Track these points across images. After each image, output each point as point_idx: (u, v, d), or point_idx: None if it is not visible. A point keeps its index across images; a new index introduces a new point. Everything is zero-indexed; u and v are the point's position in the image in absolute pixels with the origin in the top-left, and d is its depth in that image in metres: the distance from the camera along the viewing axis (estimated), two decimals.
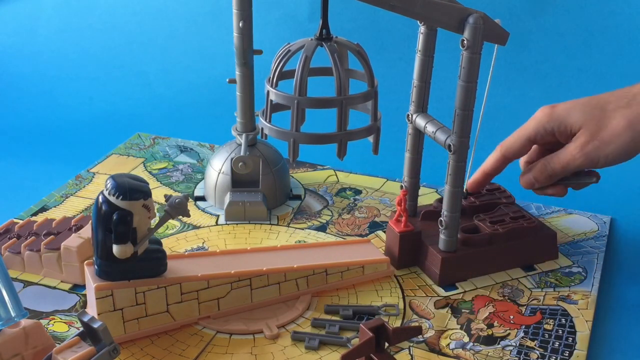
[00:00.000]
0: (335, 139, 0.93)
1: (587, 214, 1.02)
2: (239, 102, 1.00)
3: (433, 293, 0.86)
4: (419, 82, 0.86)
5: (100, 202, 0.72)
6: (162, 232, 0.97)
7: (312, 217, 1.01)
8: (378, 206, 1.04)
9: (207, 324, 0.80)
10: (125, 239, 0.72)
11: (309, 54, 0.90)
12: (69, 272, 0.86)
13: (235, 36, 0.96)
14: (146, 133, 1.25)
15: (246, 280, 0.81)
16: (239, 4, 0.94)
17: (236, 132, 1.02)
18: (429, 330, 0.80)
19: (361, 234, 0.97)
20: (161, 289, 0.77)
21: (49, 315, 0.82)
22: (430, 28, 0.83)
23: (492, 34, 0.77)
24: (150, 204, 0.73)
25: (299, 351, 0.77)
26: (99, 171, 1.13)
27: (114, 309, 0.75)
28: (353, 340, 0.78)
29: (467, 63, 0.76)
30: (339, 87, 0.90)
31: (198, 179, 1.10)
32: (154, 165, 1.15)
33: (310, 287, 0.85)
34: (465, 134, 0.80)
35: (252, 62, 0.98)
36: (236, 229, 0.99)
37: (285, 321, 0.81)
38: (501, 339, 0.79)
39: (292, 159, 0.94)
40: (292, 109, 0.91)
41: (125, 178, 0.73)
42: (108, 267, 0.74)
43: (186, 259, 0.83)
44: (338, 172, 1.13)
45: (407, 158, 0.90)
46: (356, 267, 0.87)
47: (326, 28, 0.91)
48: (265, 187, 1.01)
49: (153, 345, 0.78)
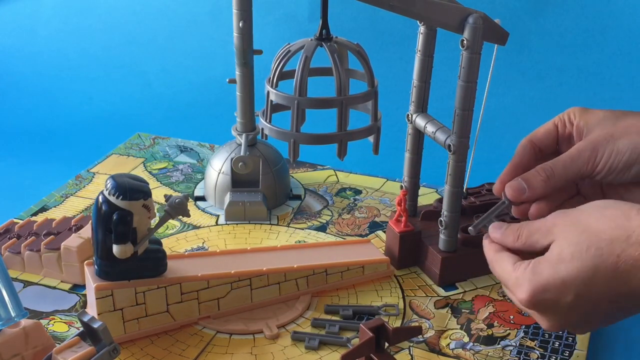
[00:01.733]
0: (336, 139, 0.93)
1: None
2: (239, 102, 1.00)
3: (433, 293, 0.86)
4: (418, 82, 0.86)
5: (100, 202, 0.72)
6: (162, 232, 0.97)
7: (312, 217, 1.01)
8: (378, 206, 1.04)
9: (207, 324, 0.80)
10: (125, 239, 0.72)
11: (309, 54, 0.90)
12: (69, 272, 0.86)
13: (235, 36, 0.96)
14: (146, 133, 1.25)
15: (246, 280, 0.81)
16: (239, 4, 0.94)
17: (236, 132, 1.02)
18: (429, 330, 0.80)
19: (361, 234, 0.97)
20: (161, 289, 0.77)
21: (49, 315, 0.82)
22: (430, 28, 0.83)
23: (492, 34, 0.77)
24: (150, 204, 0.73)
25: (299, 351, 0.77)
26: (99, 171, 1.13)
27: (114, 309, 0.75)
28: (353, 340, 0.78)
29: (467, 63, 0.76)
30: (339, 87, 0.90)
31: (198, 179, 1.10)
32: (154, 165, 1.15)
33: (310, 287, 0.85)
34: (465, 134, 0.80)
35: (252, 62, 0.98)
36: (236, 229, 0.99)
37: (285, 321, 0.81)
38: (501, 339, 0.79)
39: (292, 159, 0.94)
40: (292, 109, 0.91)
41: (125, 178, 0.73)
42: (108, 267, 0.74)
43: (186, 259, 0.83)
44: (338, 172, 1.13)
45: (407, 158, 0.90)
46: (356, 267, 0.87)
47: (326, 28, 0.91)
48: (265, 187, 1.01)
49: (153, 345, 0.78)
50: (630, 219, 0.61)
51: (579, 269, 0.62)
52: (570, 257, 0.62)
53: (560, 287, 0.63)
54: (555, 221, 0.66)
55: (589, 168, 0.73)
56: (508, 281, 0.67)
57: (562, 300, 0.63)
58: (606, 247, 0.61)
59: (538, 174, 0.73)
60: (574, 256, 0.62)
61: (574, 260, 0.62)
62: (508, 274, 0.67)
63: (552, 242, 0.65)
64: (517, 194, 0.73)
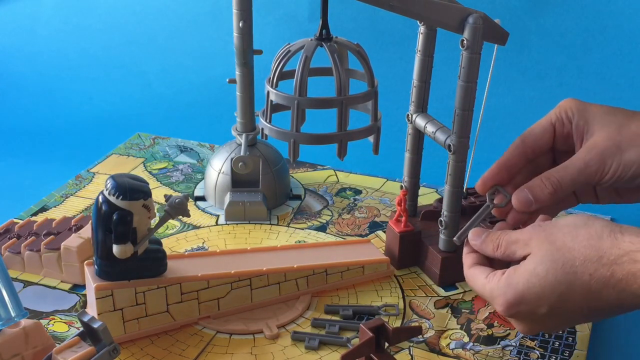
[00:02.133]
0: (336, 139, 0.93)
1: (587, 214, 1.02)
2: (239, 102, 1.00)
3: (433, 293, 0.86)
4: (418, 82, 0.86)
5: (100, 202, 0.72)
6: (162, 232, 0.97)
7: (312, 217, 1.01)
8: (378, 206, 1.04)
9: (207, 324, 0.80)
10: (125, 239, 0.72)
11: (309, 54, 0.90)
12: (69, 272, 0.86)
13: (235, 36, 0.96)
14: (146, 133, 1.25)
15: (246, 280, 0.81)
16: (239, 4, 0.94)
17: (236, 132, 1.02)
18: (429, 330, 0.80)
19: (361, 234, 0.97)
20: (161, 289, 0.77)
21: (49, 315, 0.82)
22: (430, 28, 0.83)
23: (492, 34, 0.77)
24: (150, 204, 0.73)
25: (299, 351, 0.77)
26: (99, 171, 1.13)
27: (114, 309, 0.75)
28: (353, 340, 0.78)
29: (467, 63, 0.76)
30: (339, 87, 0.90)
31: (198, 179, 1.10)
32: (154, 165, 1.15)
33: (310, 287, 0.85)
34: (465, 134, 0.80)
35: (252, 62, 0.98)
36: (236, 229, 0.99)
37: (285, 321, 0.81)
38: (501, 339, 0.79)
39: (292, 159, 0.94)
40: (292, 109, 0.91)
41: (125, 178, 0.73)
42: (108, 267, 0.74)
43: (186, 259, 0.83)
44: (338, 172, 1.13)
45: (407, 158, 0.90)
46: (356, 267, 0.87)
47: (326, 28, 0.91)
48: (265, 187, 1.01)
49: (153, 345, 0.78)
50: (602, 239, 0.63)
51: (553, 284, 0.64)
52: (544, 272, 0.64)
53: (535, 300, 0.65)
54: (532, 235, 0.67)
55: (595, 180, 0.73)
56: (484, 294, 0.69)
57: (537, 312, 0.65)
58: (580, 265, 0.63)
59: (545, 186, 0.73)
60: (548, 272, 0.64)
61: (549, 276, 0.64)
62: (482, 287, 0.69)
63: (529, 255, 0.66)
64: (525, 207, 0.73)
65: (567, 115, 0.76)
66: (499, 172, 0.77)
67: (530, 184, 0.74)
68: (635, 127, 0.72)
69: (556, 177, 0.73)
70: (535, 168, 0.78)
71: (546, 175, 0.73)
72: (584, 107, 0.76)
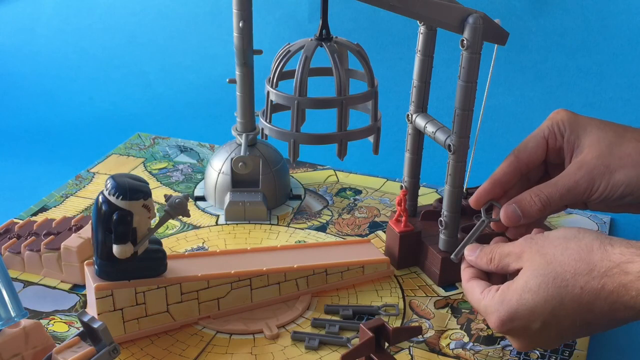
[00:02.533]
0: (336, 139, 0.93)
1: (587, 214, 1.02)
2: (239, 102, 1.00)
3: (433, 293, 0.86)
4: (418, 82, 0.86)
5: (100, 202, 0.72)
6: (162, 232, 0.97)
7: (312, 217, 1.01)
8: (378, 206, 1.04)
9: (207, 324, 0.80)
10: (125, 239, 0.72)
11: (309, 54, 0.90)
12: (69, 272, 0.86)
13: (235, 36, 0.96)
14: (146, 133, 1.25)
15: (246, 280, 0.81)
16: (239, 4, 0.94)
17: (236, 132, 1.02)
18: (429, 330, 0.80)
19: (361, 234, 0.97)
20: (161, 289, 0.77)
21: (49, 315, 0.82)
22: (430, 28, 0.83)
23: (492, 34, 0.77)
24: (150, 204, 0.73)
25: (299, 351, 0.77)
26: (99, 171, 1.13)
27: (114, 309, 0.75)
28: (353, 340, 0.78)
29: (467, 63, 0.76)
30: (339, 87, 0.90)
31: (198, 179, 1.10)
32: (154, 165, 1.15)
33: (310, 287, 0.85)
34: (465, 134, 0.80)
35: (252, 62, 0.98)
36: (236, 229, 0.99)
37: (285, 321, 0.81)
38: (501, 339, 0.79)
39: (292, 160, 0.94)
40: (292, 109, 0.91)
41: (125, 178, 0.73)
42: (108, 267, 0.74)
43: (186, 259, 0.83)
44: (338, 172, 1.13)
45: (407, 158, 0.90)
46: (356, 267, 0.87)
47: (326, 28, 0.91)
48: (265, 187, 1.01)
49: (153, 345, 0.78)
50: (592, 252, 0.63)
51: (545, 299, 0.64)
52: (536, 287, 0.65)
53: (528, 315, 0.65)
54: (524, 248, 0.68)
55: (584, 198, 0.74)
56: (479, 309, 0.70)
57: (531, 327, 0.66)
58: (571, 279, 0.63)
59: (534, 203, 0.74)
60: (540, 287, 0.65)
61: (540, 291, 0.64)
62: (477, 302, 0.70)
63: (521, 269, 0.67)
64: (512, 222, 0.75)
65: (560, 128, 0.77)
66: (493, 187, 0.78)
67: (519, 199, 0.75)
68: (626, 147, 0.73)
69: (545, 194, 0.74)
70: (527, 180, 0.79)
71: (535, 192, 0.74)
72: (576, 120, 0.77)
